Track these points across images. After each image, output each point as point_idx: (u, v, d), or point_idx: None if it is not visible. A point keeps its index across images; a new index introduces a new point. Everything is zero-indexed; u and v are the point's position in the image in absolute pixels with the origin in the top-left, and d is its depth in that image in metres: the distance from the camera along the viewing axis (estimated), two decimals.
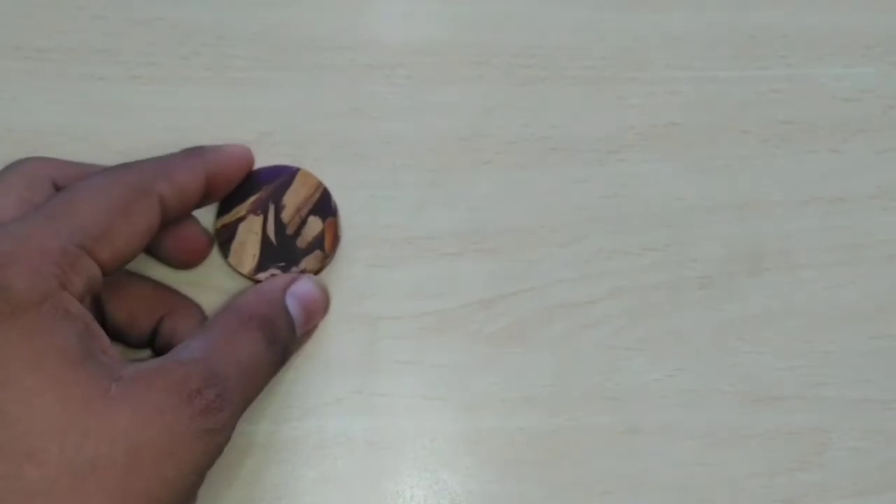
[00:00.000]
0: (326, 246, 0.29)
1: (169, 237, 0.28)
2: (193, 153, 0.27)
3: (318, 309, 0.29)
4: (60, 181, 0.26)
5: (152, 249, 0.29)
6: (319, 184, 0.30)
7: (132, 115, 0.31)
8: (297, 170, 0.30)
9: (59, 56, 0.31)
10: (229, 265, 0.29)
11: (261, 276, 0.29)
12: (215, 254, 0.30)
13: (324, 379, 0.29)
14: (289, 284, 0.28)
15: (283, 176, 0.30)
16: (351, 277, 0.30)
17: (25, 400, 0.20)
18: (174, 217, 0.26)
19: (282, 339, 0.26)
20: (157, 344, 0.28)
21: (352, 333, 0.30)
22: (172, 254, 0.29)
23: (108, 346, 0.23)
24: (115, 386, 0.21)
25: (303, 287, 0.28)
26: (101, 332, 0.23)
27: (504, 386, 0.30)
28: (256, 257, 0.29)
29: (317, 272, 0.29)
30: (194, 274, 0.29)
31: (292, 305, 0.27)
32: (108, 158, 0.27)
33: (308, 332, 0.29)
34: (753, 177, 0.33)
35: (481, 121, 0.32)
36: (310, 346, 0.30)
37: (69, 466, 0.20)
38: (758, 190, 0.33)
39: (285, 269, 0.29)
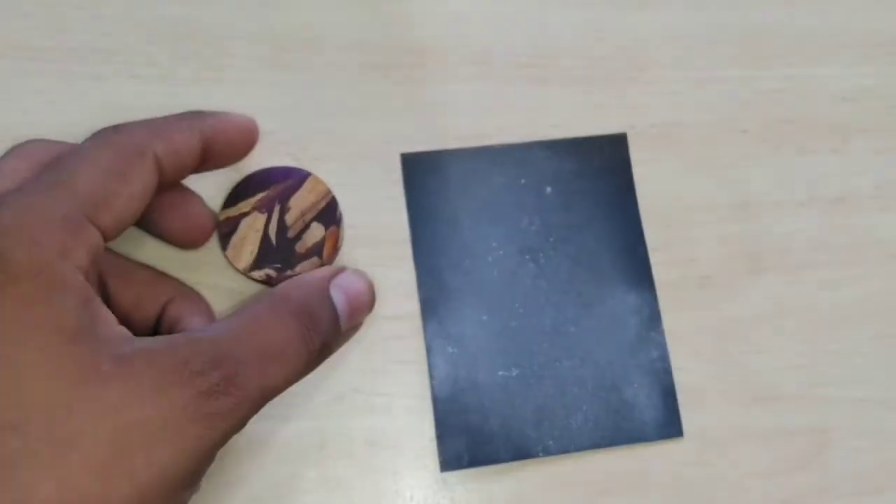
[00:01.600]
0: (325, 254, 0.29)
1: (174, 216, 0.28)
2: (190, 115, 0.27)
3: (364, 304, 0.28)
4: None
5: (155, 229, 0.28)
6: (328, 192, 0.30)
7: (132, 115, 0.31)
8: (308, 174, 0.30)
9: (58, 56, 0.31)
10: (226, 258, 0.29)
11: (255, 274, 0.29)
12: (215, 251, 0.30)
13: (324, 379, 0.29)
14: (334, 275, 0.27)
15: (294, 178, 0.30)
16: None
17: (14, 373, 0.20)
18: (171, 179, 0.25)
19: (321, 331, 0.25)
20: (161, 330, 0.27)
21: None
22: (176, 233, 0.28)
23: (111, 321, 0.22)
24: (112, 361, 0.21)
25: (349, 279, 0.27)
26: (103, 307, 0.22)
27: None
28: (254, 254, 0.29)
29: None
30: (193, 273, 0.29)
31: (337, 297, 0.26)
32: None
33: (354, 328, 0.28)
34: (753, 177, 0.33)
35: (481, 121, 0.32)
36: None
37: (52, 440, 0.20)
38: (758, 190, 0.33)
39: (280, 272, 0.29)
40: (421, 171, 0.31)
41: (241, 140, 0.28)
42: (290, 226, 0.29)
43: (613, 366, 0.30)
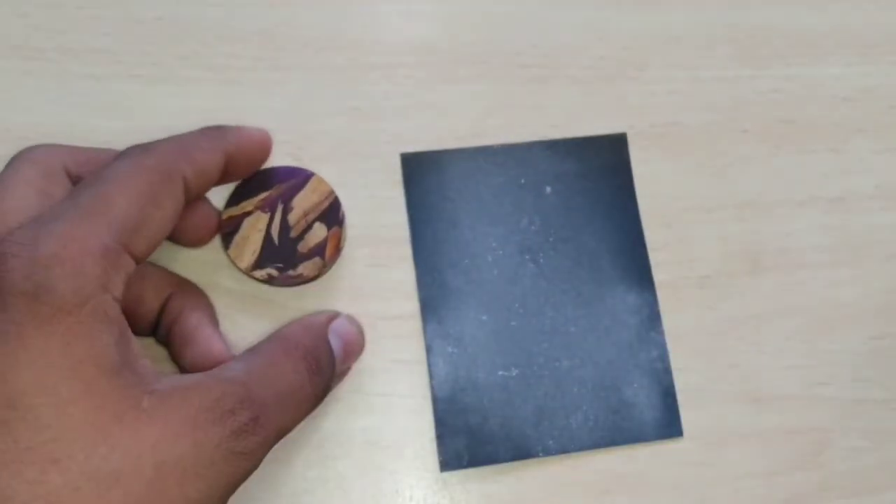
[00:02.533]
0: (327, 254, 0.29)
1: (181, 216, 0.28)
2: (213, 133, 0.27)
3: (356, 349, 0.29)
4: (72, 168, 0.26)
5: None
6: (331, 192, 0.29)
7: (132, 115, 0.31)
8: (312, 174, 0.30)
9: (58, 56, 0.31)
10: (228, 257, 0.29)
11: (257, 273, 0.29)
12: (217, 251, 0.30)
13: None
14: (331, 320, 0.28)
15: (297, 178, 0.29)
16: (351, 277, 0.30)
17: (58, 406, 0.20)
18: (195, 196, 0.26)
19: (325, 373, 0.26)
20: (162, 323, 0.28)
21: None
22: (182, 232, 0.28)
23: (140, 354, 0.23)
24: (148, 399, 0.21)
25: (344, 325, 0.28)
26: (134, 340, 0.23)
27: None
28: (256, 254, 0.29)
29: (312, 279, 0.29)
30: (194, 272, 0.29)
31: (334, 342, 0.27)
32: None
33: (344, 371, 0.29)
34: (753, 176, 0.33)
35: (481, 120, 0.32)
36: None
37: (93, 476, 0.20)
38: (757, 190, 0.33)
39: (282, 271, 0.29)
40: (421, 171, 0.31)
41: (259, 153, 0.29)
42: (292, 226, 0.29)
43: (613, 366, 0.30)
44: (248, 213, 0.29)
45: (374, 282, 0.30)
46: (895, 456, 0.31)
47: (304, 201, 0.29)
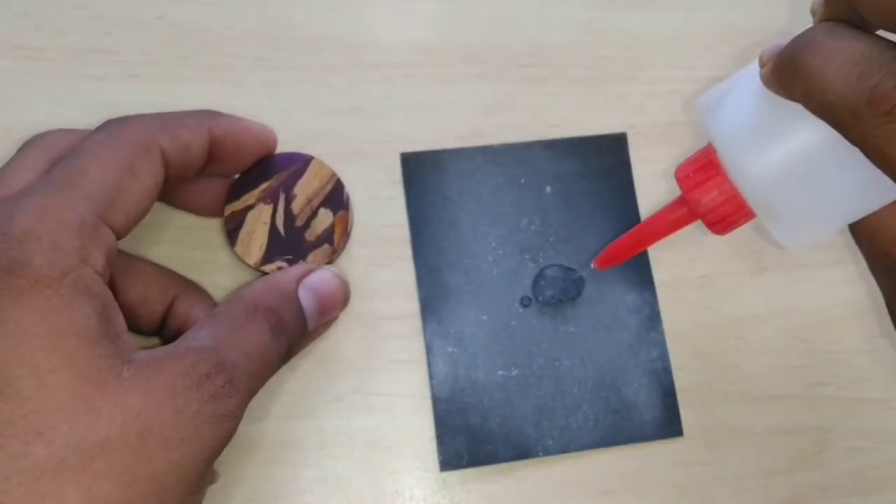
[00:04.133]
0: (336, 240, 0.29)
1: (191, 187, 0.28)
2: (201, 113, 0.27)
3: (335, 301, 0.28)
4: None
5: (177, 200, 0.29)
6: (333, 174, 0.29)
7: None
8: (311, 158, 0.29)
9: (58, 55, 0.31)
10: (235, 255, 0.28)
11: (267, 267, 0.28)
12: (217, 253, 0.30)
13: (324, 378, 0.29)
14: (304, 275, 0.27)
15: (297, 164, 0.29)
16: (351, 277, 0.30)
17: (39, 378, 0.20)
18: (177, 174, 0.26)
19: (287, 332, 0.26)
20: (168, 325, 0.28)
21: (352, 333, 0.30)
22: (196, 203, 0.29)
23: (123, 328, 0.23)
24: (128, 368, 0.21)
25: (319, 278, 0.27)
26: (119, 313, 0.23)
27: None
28: (264, 248, 0.28)
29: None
30: (200, 272, 0.29)
31: (305, 297, 0.27)
32: None
33: (325, 324, 0.28)
34: None
35: (481, 120, 0.32)
36: (310, 345, 0.30)
37: (78, 447, 0.20)
38: None
39: (292, 262, 0.28)
40: (421, 171, 0.31)
41: (252, 147, 0.28)
42: (297, 214, 0.28)
43: (613, 366, 0.30)
44: (251, 207, 0.28)
45: (374, 282, 0.30)
46: (895, 456, 0.31)
47: (306, 187, 0.29)
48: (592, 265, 0.29)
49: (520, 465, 0.29)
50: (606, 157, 0.32)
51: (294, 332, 0.26)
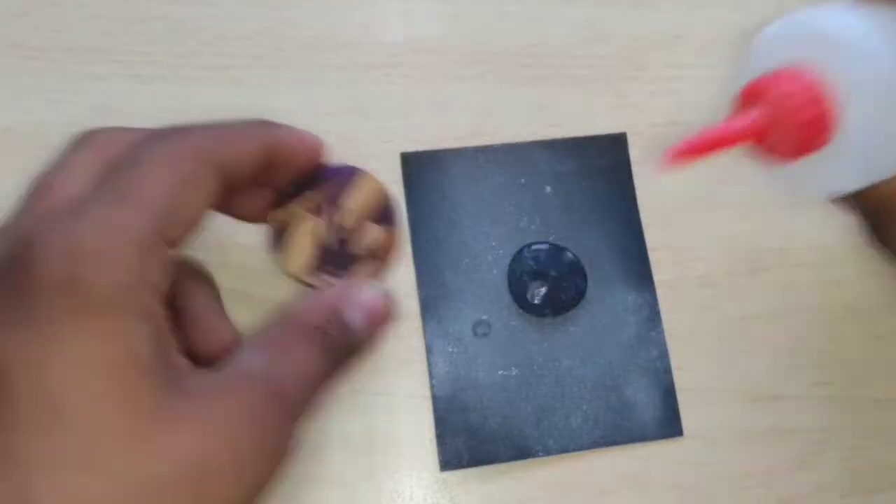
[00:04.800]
0: (382, 254, 0.27)
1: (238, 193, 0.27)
2: (257, 124, 0.26)
3: (382, 317, 0.27)
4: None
5: (220, 205, 0.27)
6: (381, 188, 0.27)
7: (131, 115, 0.31)
8: (361, 171, 0.28)
9: (58, 55, 0.31)
10: (279, 264, 0.27)
11: (310, 278, 0.27)
12: (215, 255, 0.30)
13: None
14: (349, 292, 0.26)
15: (346, 175, 0.27)
16: None
17: (95, 410, 0.19)
18: (231, 187, 0.25)
19: (339, 350, 0.25)
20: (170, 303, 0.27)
21: None
22: (240, 212, 0.28)
23: (175, 348, 0.22)
24: (184, 400, 0.21)
25: (365, 295, 0.26)
26: (170, 336, 0.22)
27: None
28: (308, 258, 0.27)
29: None
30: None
31: (354, 315, 0.26)
32: None
33: (374, 342, 0.27)
34: (753, 176, 0.33)
35: (481, 120, 0.32)
36: None
37: (133, 482, 0.19)
38: (758, 189, 0.33)
39: (336, 275, 0.27)
40: (421, 171, 0.31)
41: (304, 157, 0.27)
42: (344, 226, 0.27)
43: (613, 365, 0.30)
44: (297, 215, 0.27)
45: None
46: (895, 455, 0.31)
47: (353, 199, 0.27)
48: (663, 160, 0.26)
49: (520, 465, 0.29)
50: (606, 156, 0.32)
51: (344, 351, 0.25)
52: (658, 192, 0.32)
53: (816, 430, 0.31)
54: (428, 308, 0.30)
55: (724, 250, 0.32)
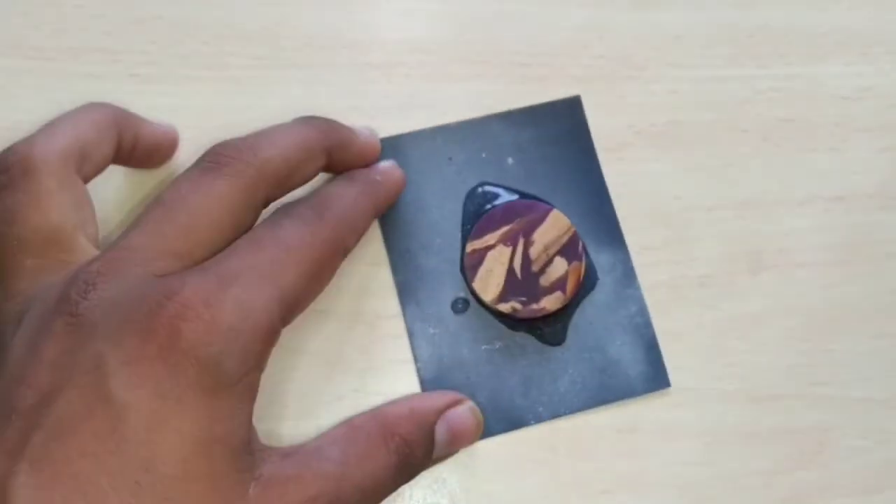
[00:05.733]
0: (568, 288, 0.29)
1: None
2: (368, 194, 0.28)
3: (465, 439, 0.28)
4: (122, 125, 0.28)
5: None
6: (570, 227, 0.30)
7: None
8: (552, 208, 0.30)
9: (57, 55, 0.31)
10: (473, 290, 0.30)
11: (501, 306, 0.29)
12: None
13: (323, 378, 0.29)
14: (447, 407, 0.27)
15: (537, 213, 0.30)
16: (351, 276, 0.30)
17: (184, 482, 0.20)
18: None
19: (415, 464, 0.26)
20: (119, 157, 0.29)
21: (352, 333, 0.30)
22: None
23: (252, 419, 0.23)
24: (255, 486, 0.21)
25: (459, 416, 0.27)
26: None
27: None
28: (500, 287, 0.29)
29: (554, 313, 0.30)
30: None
31: (441, 430, 0.27)
32: None
33: (446, 456, 0.28)
34: (753, 175, 0.33)
35: None
36: (310, 346, 0.30)
37: None
38: (757, 188, 0.33)
39: (525, 304, 0.29)
40: (381, 158, 0.31)
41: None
42: (533, 259, 0.30)
43: (593, 326, 0.30)
44: (492, 247, 0.30)
45: (374, 281, 0.30)
46: (895, 456, 0.31)
47: (544, 235, 0.30)
48: None
49: (520, 466, 0.29)
50: (564, 121, 0.32)
51: (419, 464, 0.26)
52: (658, 191, 0.32)
53: (816, 430, 0.31)
54: (405, 292, 0.30)
55: (724, 250, 0.32)
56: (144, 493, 0.20)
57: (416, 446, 0.26)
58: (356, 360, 0.30)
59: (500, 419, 0.29)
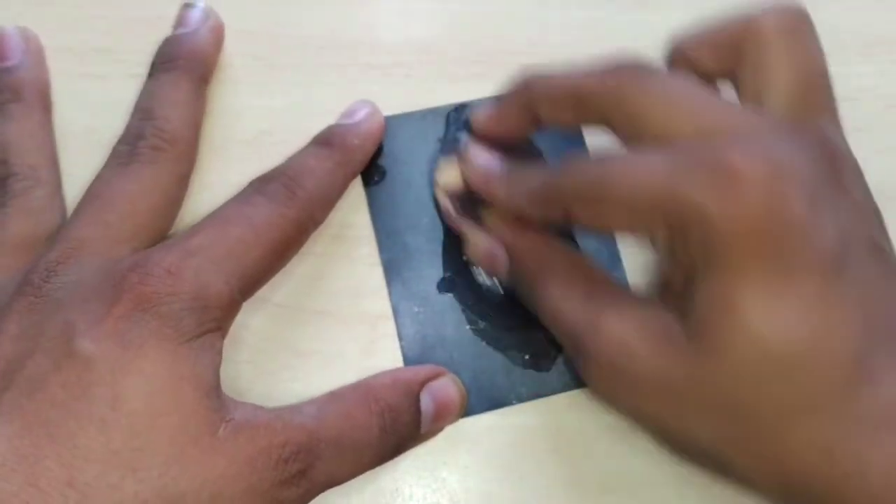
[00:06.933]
0: None
1: None
2: (343, 165, 0.29)
3: (451, 411, 0.28)
4: None
5: None
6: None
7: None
8: None
9: (57, 55, 0.31)
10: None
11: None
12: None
13: (324, 378, 0.29)
14: (429, 378, 0.28)
15: None
16: (351, 277, 0.30)
17: (152, 418, 0.21)
18: None
19: (399, 433, 0.26)
20: None
21: (352, 333, 0.30)
22: None
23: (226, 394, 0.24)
24: (225, 427, 0.22)
25: (442, 386, 0.28)
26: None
27: None
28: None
29: None
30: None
31: (426, 401, 0.27)
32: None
33: (434, 431, 0.28)
34: None
35: None
36: (310, 346, 0.30)
37: (160, 493, 0.21)
38: None
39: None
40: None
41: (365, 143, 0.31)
42: None
43: None
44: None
45: (373, 281, 0.30)
46: None
47: None
48: None
49: (520, 466, 0.29)
50: None
51: (405, 433, 0.26)
52: None
53: None
54: (391, 270, 0.30)
55: None
56: (111, 429, 0.21)
57: (401, 412, 0.26)
58: (355, 359, 0.30)
59: (483, 398, 0.29)
